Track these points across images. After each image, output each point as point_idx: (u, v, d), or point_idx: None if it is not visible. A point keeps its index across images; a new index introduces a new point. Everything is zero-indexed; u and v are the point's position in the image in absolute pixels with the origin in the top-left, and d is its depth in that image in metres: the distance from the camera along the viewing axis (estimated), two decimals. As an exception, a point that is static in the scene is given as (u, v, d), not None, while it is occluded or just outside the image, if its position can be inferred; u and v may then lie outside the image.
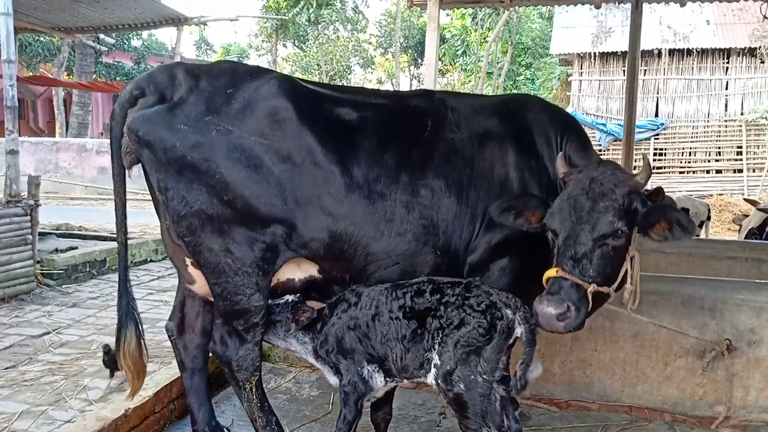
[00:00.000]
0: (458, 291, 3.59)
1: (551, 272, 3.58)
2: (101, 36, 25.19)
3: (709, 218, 11.70)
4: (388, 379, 3.84)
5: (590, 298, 3.53)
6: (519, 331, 3.51)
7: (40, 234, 10.07)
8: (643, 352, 5.36)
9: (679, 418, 5.23)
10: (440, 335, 3.52)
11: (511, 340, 3.53)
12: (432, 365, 3.57)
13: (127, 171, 4.06)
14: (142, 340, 4.17)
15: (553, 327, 3.46)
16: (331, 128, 3.98)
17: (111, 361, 4.36)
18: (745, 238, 9.55)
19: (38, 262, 8.51)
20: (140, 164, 3.97)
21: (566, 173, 3.84)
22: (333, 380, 3.99)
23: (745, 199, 13.25)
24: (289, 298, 4.08)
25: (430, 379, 3.61)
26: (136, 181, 4.16)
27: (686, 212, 10.20)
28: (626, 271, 3.75)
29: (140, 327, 4.18)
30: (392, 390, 4.12)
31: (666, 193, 4.18)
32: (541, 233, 3.84)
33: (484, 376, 3.45)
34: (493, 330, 3.45)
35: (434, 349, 3.55)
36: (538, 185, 4.17)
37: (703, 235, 11.53)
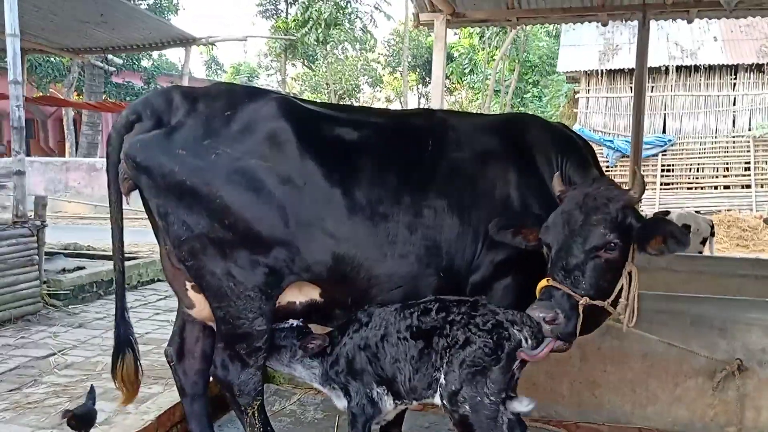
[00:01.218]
0: (464, 309, 3.56)
1: (543, 282, 3.58)
2: (110, 56, 25.40)
3: (713, 234, 11.57)
4: (397, 401, 3.78)
5: (581, 310, 3.51)
6: (526, 347, 3.46)
7: (48, 254, 10.09)
8: (652, 373, 5.29)
9: (690, 439, 5.14)
10: (447, 354, 3.48)
11: (519, 361, 3.47)
12: (438, 385, 3.51)
13: (124, 197, 4.02)
14: (138, 363, 4.12)
15: (541, 332, 3.47)
16: (333, 149, 3.94)
17: (78, 425, 4.24)
18: None
19: (45, 282, 8.50)
20: (137, 189, 3.93)
21: (562, 191, 3.84)
22: (340, 405, 3.93)
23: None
24: (294, 322, 4.03)
25: (437, 399, 3.55)
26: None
27: (688, 229, 10.12)
28: (622, 286, 3.71)
29: (137, 353, 4.13)
30: (402, 413, 4.05)
31: (670, 209, 4.17)
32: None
33: (491, 398, 3.39)
34: (500, 350, 3.39)
35: (441, 369, 3.50)
36: (539, 204, 4.13)
37: (707, 252, 11.40)
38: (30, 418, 4.98)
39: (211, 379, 4.37)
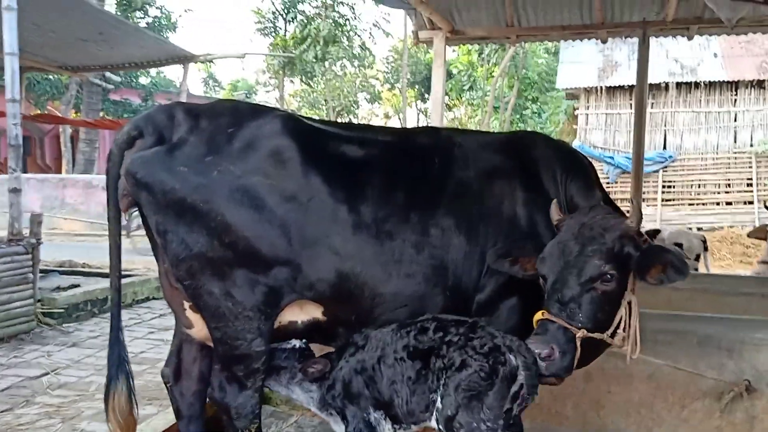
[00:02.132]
0: (462, 331, 3.47)
1: (538, 315, 3.53)
2: (108, 74, 25.45)
3: (706, 249, 11.47)
4: (395, 426, 3.66)
5: (579, 344, 3.45)
6: (521, 378, 3.36)
7: (43, 271, 10.01)
8: (658, 394, 5.17)
9: (698, 463, 5.02)
10: (443, 376, 3.38)
11: (516, 387, 3.36)
12: (435, 407, 3.42)
13: (123, 214, 3.92)
14: (132, 395, 3.98)
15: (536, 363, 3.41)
16: (337, 166, 3.87)
17: None
18: None
19: (39, 300, 8.41)
20: (137, 206, 3.84)
21: (560, 220, 3.79)
22: (339, 430, 3.83)
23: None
24: (296, 343, 3.93)
25: (433, 422, 3.45)
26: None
27: (680, 246, 10.03)
28: (621, 317, 3.65)
29: (131, 380, 3.99)
30: None
31: (666, 226, 4.13)
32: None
33: (488, 424, 3.27)
34: (495, 375, 3.29)
35: (437, 391, 3.40)
36: (545, 222, 4.06)
37: (701, 268, 11.29)
38: (21, 440, 4.87)
39: (207, 400, 4.26)
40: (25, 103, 21.60)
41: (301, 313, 3.95)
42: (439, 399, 3.38)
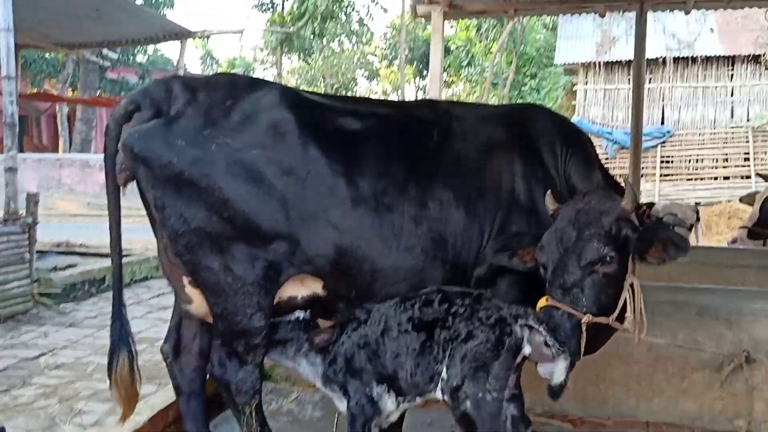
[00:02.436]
0: (468, 302, 3.46)
1: (542, 302, 3.52)
2: (105, 51, 25.29)
3: (698, 220, 11.47)
4: (399, 398, 3.65)
5: (584, 329, 3.45)
6: (527, 349, 3.37)
7: (40, 252, 9.95)
8: (658, 366, 5.20)
9: (699, 432, 5.05)
10: (449, 347, 3.38)
11: (520, 358, 3.39)
12: (440, 378, 3.41)
13: (121, 189, 3.88)
14: (135, 366, 3.96)
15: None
16: (336, 140, 3.85)
17: None
18: (760, 207, 9.30)
19: (36, 281, 8.35)
20: (135, 181, 3.81)
21: (555, 209, 3.77)
22: (342, 406, 3.82)
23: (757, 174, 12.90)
24: (300, 315, 3.92)
25: (438, 392, 3.45)
26: (138, 196, 3.95)
27: (674, 217, 10.00)
28: (626, 300, 3.64)
29: (134, 352, 3.97)
30: (402, 415, 3.93)
31: (651, 200, 4.12)
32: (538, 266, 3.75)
33: (493, 394, 3.28)
34: (501, 346, 3.29)
35: (443, 362, 3.40)
36: (544, 195, 4.04)
37: (692, 239, 11.27)
38: (18, 420, 4.85)
39: (207, 377, 4.26)
40: (22, 82, 21.50)
41: (301, 288, 3.94)
42: (444, 370, 3.38)
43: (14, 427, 4.71)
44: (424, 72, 44.38)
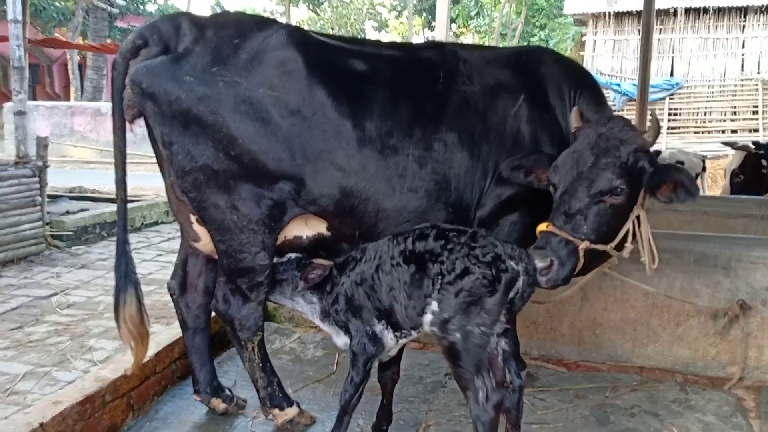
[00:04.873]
0: (464, 240, 3.48)
1: (542, 226, 3.57)
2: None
3: (704, 169, 11.45)
4: (397, 333, 3.74)
5: (581, 254, 3.51)
6: (520, 283, 3.41)
7: (53, 197, 10.09)
8: (654, 312, 5.26)
9: (691, 378, 5.15)
10: (440, 281, 3.41)
11: (513, 294, 3.43)
12: (430, 311, 3.46)
13: (128, 125, 3.93)
14: (142, 304, 4.03)
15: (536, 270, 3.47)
16: (342, 80, 3.86)
17: None
18: (730, 180, 9.37)
19: (48, 223, 8.47)
20: (143, 118, 3.85)
21: (578, 128, 3.77)
22: (340, 342, 3.91)
23: (723, 143, 12.85)
24: (293, 255, 3.99)
25: (425, 324, 3.51)
26: (150, 144, 4.00)
27: (681, 164, 9.97)
28: (628, 230, 3.69)
29: (140, 290, 4.03)
30: (401, 350, 4.03)
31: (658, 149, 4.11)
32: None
33: (482, 328, 3.34)
34: (497, 282, 3.34)
35: (433, 295, 3.44)
36: (549, 139, 4.09)
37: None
38: (31, 356, 4.99)
39: (213, 314, 4.36)
40: (32, 30, 21.32)
41: (306, 228, 4.02)
42: (435, 303, 3.43)
43: (26, 362, 4.87)
44: (433, 23, 43.80)
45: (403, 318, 3.62)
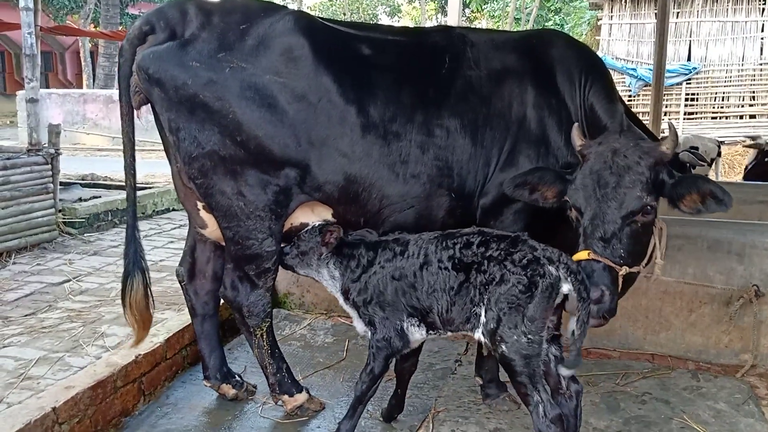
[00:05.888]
0: (503, 246, 3.42)
1: (582, 255, 3.38)
2: (126, -14, 25.08)
3: (719, 155, 11.33)
4: (431, 332, 3.70)
5: (621, 281, 3.38)
6: (566, 288, 3.29)
7: (65, 184, 10.15)
8: (666, 299, 5.22)
9: (703, 366, 5.11)
10: (486, 291, 3.38)
11: (559, 299, 3.33)
12: (479, 321, 3.43)
13: (135, 111, 3.93)
14: (149, 290, 4.06)
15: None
16: (348, 66, 3.85)
17: None
18: (744, 177, 9.31)
19: (60, 210, 8.54)
20: (149, 104, 3.86)
21: (584, 145, 3.61)
22: (361, 328, 3.86)
23: (746, 137, 12.72)
24: (312, 222, 3.98)
25: (478, 335, 3.48)
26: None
27: (696, 149, 9.88)
28: (654, 245, 3.60)
29: (147, 276, 4.06)
30: (422, 342, 3.98)
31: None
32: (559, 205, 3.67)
33: (529, 336, 3.27)
34: (534, 287, 3.26)
35: (481, 305, 3.41)
36: (557, 125, 4.02)
37: (712, 174, 11.14)
38: (44, 341, 5.04)
39: (221, 301, 4.37)
40: (44, 17, 21.39)
41: (312, 215, 4.02)
42: (483, 313, 3.39)
43: (40, 348, 4.91)
44: (446, 8, 43.60)
45: (443, 321, 3.58)
